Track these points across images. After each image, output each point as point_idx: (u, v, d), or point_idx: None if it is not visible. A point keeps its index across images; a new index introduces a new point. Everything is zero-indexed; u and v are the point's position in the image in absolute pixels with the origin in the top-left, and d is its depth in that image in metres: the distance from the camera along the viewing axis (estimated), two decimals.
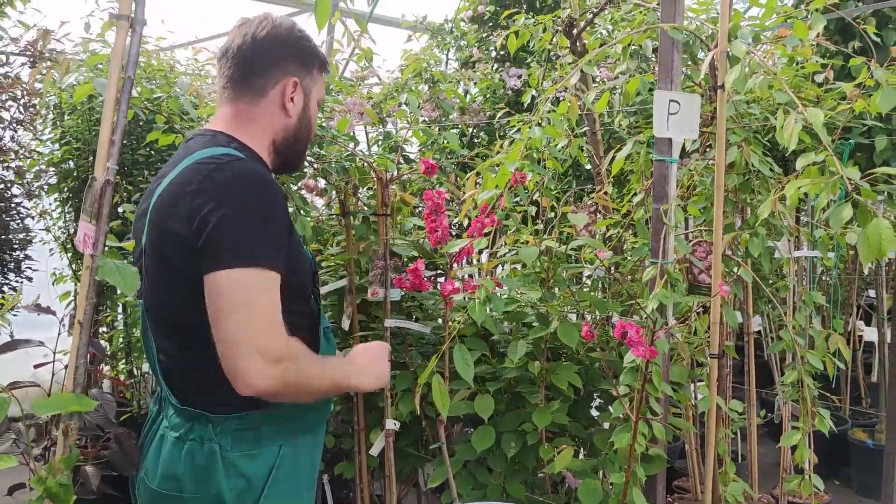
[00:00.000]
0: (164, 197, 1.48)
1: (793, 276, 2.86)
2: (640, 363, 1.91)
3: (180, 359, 1.55)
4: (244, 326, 1.36)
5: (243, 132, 1.61)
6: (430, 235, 2.06)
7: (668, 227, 1.99)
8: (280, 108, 1.63)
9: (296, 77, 1.64)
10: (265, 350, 1.37)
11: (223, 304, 1.37)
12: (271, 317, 1.41)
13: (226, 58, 1.63)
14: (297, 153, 1.72)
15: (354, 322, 2.70)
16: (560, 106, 1.93)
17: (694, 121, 2.02)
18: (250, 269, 1.39)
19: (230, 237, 1.39)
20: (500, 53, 4.64)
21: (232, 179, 1.44)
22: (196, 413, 1.52)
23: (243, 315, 1.36)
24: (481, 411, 2.32)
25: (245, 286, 1.38)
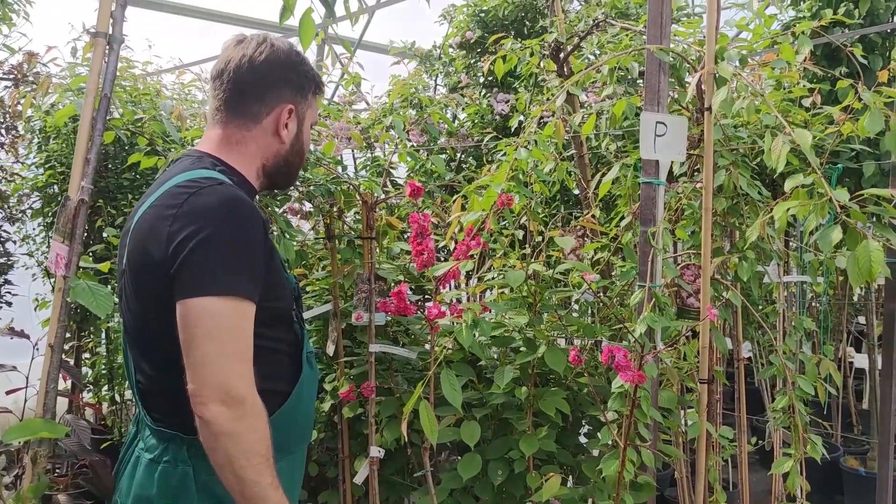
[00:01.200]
0: (143, 220, 1.46)
1: (782, 301, 2.83)
2: (629, 388, 1.87)
3: (156, 379, 1.52)
4: (210, 358, 1.34)
5: (232, 155, 1.59)
6: (415, 259, 2.03)
7: (655, 251, 1.97)
8: (273, 135, 1.61)
9: (291, 104, 1.62)
10: (226, 387, 1.34)
11: (192, 332, 1.35)
12: (239, 352, 1.38)
13: (220, 80, 1.59)
14: (287, 176, 1.71)
15: (339, 347, 2.66)
16: (546, 128, 1.91)
17: (681, 143, 2.00)
18: (222, 298, 1.36)
19: (204, 264, 1.37)
20: (487, 79, 4.65)
21: (211, 205, 1.41)
22: (170, 434, 1.49)
23: (211, 346, 1.34)
24: (467, 438, 2.27)
25: (215, 317, 1.35)
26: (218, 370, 1.34)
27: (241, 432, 1.35)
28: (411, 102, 4.16)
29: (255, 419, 1.37)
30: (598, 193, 2.30)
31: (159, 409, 1.52)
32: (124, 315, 1.54)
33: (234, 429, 1.34)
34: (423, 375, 2.80)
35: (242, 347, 1.38)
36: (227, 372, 1.34)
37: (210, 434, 1.35)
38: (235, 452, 1.35)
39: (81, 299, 1.16)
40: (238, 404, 1.34)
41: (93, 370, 4.02)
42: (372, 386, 2.28)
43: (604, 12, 2.46)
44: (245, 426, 1.35)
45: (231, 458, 1.35)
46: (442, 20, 5.03)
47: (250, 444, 1.36)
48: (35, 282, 4.07)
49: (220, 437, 1.34)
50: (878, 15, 3.77)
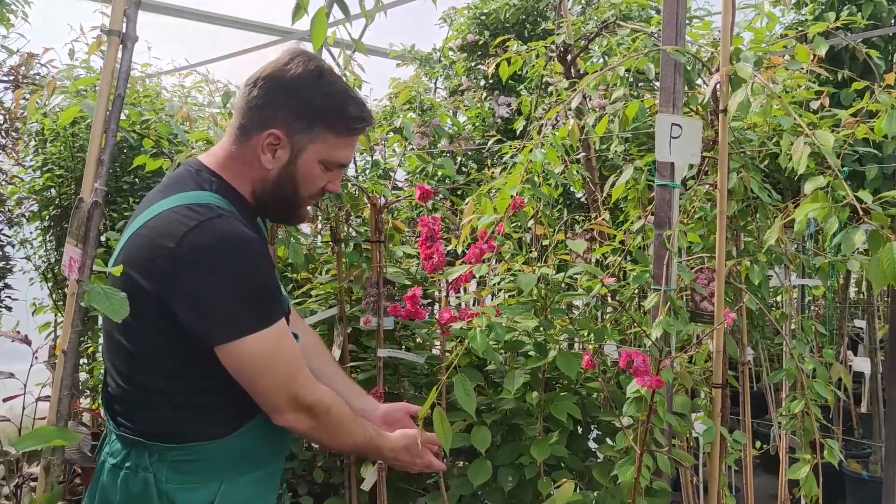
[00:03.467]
0: (135, 241, 1.43)
1: (791, 304, 2.82)
2: (645, 393, 1.85)
3: (124, 382, 1.50)
4: (268, 388, 1.46)
5: (229, 171, 1.55)
6: (425, 262, 2.00)
7: (671, 254, 1.95)
8: (256, 158, 1.53)
9: (279, 130, 1.50)
10: (293, 401, 1.48)
11: (243, 372, 1.44)
12: (291, 367, 1.47)
13: (246, 86, 1.54)
14: (278, 212, 1.63)
15: (345, 352, 2.62)
16: (560, 130, 1.89)
17: (696, 145, 1.98)
18: (256, 334, 1.41)
19: (225, 310, 1.40)
20: (489, 82, 4.63)
21: (213, 247, 1.39)
22: (132, 440, 1.47)
23: (264, 380, 1.45)
24: (478, 444, 2.25)
25: (257, 353, 1.42)
26: (280, 394, 1.47)
27: (323, 426, 1.54)
28: (413, 105, 4.14)
29: (329, 410, 1.54)
30: (612, 196, 2.28)
31: (124, 414, 1.51)
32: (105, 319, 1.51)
33: (317, 426, 1.53)
34: (430, 380, 2.77)
35: (292, 361, 1.48)
36: (288, 391, 1.47)
37: (302, 434, 1.56)
38: (328, 439, 1.59)
39: (97, 303, 1.13)
40: (309, 409, 1.50)
41: (91, 376, 3.97)
42: (380, 392, 2.25)
43: (613, 14, 2.44)
44: (323, 420, 1.53)
45: (328, 443, 1.66)
46: (442, 23, 5.01)
47: (336, 428, 1.56)
48: (33, 286, 4.02)
49: (309, 435, 1.57)
50: (881, 18, 3.77)
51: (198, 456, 1.47)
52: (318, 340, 1.92)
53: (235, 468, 1.52)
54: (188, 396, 1.49)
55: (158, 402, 1.48)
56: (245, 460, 1.54)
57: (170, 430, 1.47)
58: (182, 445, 1.46)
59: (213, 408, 1.51)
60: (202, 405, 1.50)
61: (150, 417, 1.49)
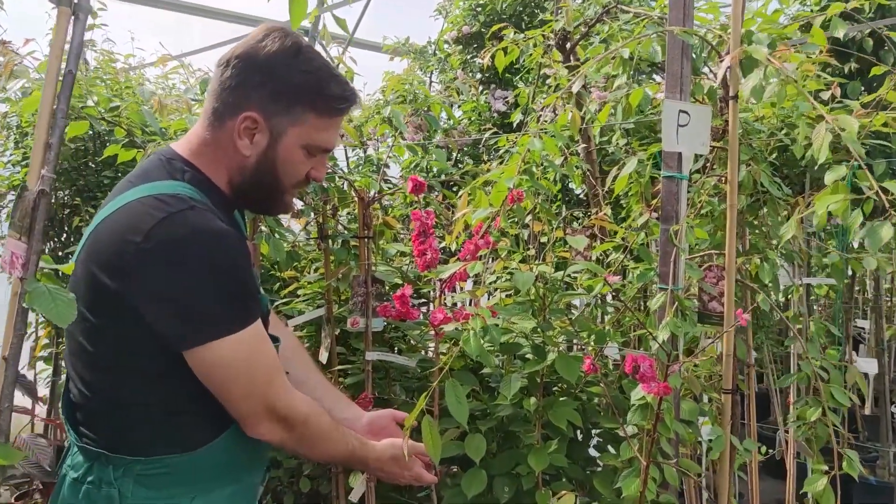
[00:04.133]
0: (100, 234, 1.31)
1: (802, 304, 2.69)
2: (652, 401, 1.72)
3: (87, 389, 1.37)
4: (242, 396, 1.34)
5: (203, 159, 1.41)
6: (417, 259, 1.87)
7: (678, 250, 1.82)
8: (232, 144, 1.39)
9: (256, 112, 1.36)
10: (269, 410, 1.36)
11: (215, 378, 1.32)
12: (268, 374, 1.36)
13: (219, 66, 1.40)
14: (258, 202, 1.49)
15: (333, 355, 2.49)
16: (560, 117, 1.76)
17: (705, 134, 1.85)
18: (230, 337, 1.29)
19: (196, 310, 1.28)
20: (485, 76, 4.50)
21: (184, 242, 1.26)
22: (96, 453, 1.34)
23: (238, 387, 1.33)
24: (473, 453, 2.11)
25: (230, 357, 1.30)
26: (254, 403, 1.35)
27: (300, 437, 1.41)
28: (407, 99, 4.01)
29: (307, 419, 1.42)
30: (614, 189, 2.14)
31: (87, 424, 1.38)
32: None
33: (293, 437, 1.40)
34: (422, 384, 2.64)
35: (269, 366, 1.36)
36: (263, 399, 1.35)
37: (277, 445, 1.43)
38: (306, 450, 1.47)
39: (39, 305, 1.00)
40: (284, 419, 1.38)
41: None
42: (369, 397, 2.12)
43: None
44: (300, 431, 1.41)
45: (308, 455, 1.51)
46: (437, 15, 4.88)
47: (314, 439, 1.44)
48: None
49: (285, 446, 1.43)
50: (889, 8, 3.65)
51: (166, 470, 1.34)
52: (298, 345, 1.78)
53: (208, 483, 1.39)
54: (156, 405, 1.36)
55: (124, 411, 1.35)
56: (218, 474, 1.41)
57: (136, 442, 1.34)
58: (149, 458, 1.33)
59: (183, 417, 1.38)
60: (172, 415, 1.37)
61: (115, 428, 1.36)
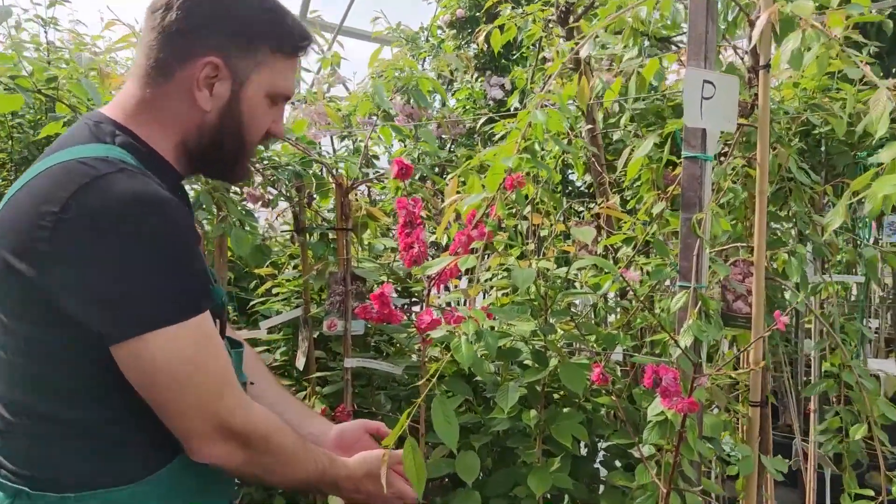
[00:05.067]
0: (11, 213, 1.05)
1: (833, 305, 2.45)
2: (674, 417, 1.47)
3: (2, 410, 1.12)
4: (185, 407, 1.08)
5: (142, 122, 1.15)
6: (403, 254, 1.63)
7: (702, 242, 1.57)
8: (189, 97, 1.15)
9: (215, 56, 1.14)
10: (220, 427, 1.10)
11: (151, 382, 1.05)
12: (217, 380, 1.10)
13: (155, 12, 1.16)
14: (220, 164, 1.24)
15: (311, 360, 2.24)
16: (566, 87, 1.51)
17: (732, 108, 1.61)
18: (174, 328, 1.04)
19: (133, 293, 1.02)
20: (480, 62, 4.26)
21: (116, 207, 1.01)
22: (15, 488, 1.09)
23: (181, 393, 1.07)
24: (465, 473, 1.87)
25: (176, 354, 1.04)
26: (200, 417, 1.09)
27: (259, 460, 1.16)
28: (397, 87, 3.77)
29: (268, 437, 1.16)
30: (622, 177, 1.89)
31: (5, 452, 1.12)
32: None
33: (251, 460, 1.15)
34: (410, 394, 2.39)
35: (219, 371, 1.10)
36: (212, 413, 1.09)
37: (231, 471, 1.16)
38: (267, 475, 1.19)
39: None
40: (240, 437, 1.12)
41: None
42: (348, 409, 1.87)
43: None
44: (260, 452, 1.15)
45: (269, 480, 1.19)
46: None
47: (276, 461, 1.18)
48: None
49: (242, 472, 1.16)
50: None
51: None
52: (255, 355, 1.52)
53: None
54: (90, 425, 1.09)
55: (48, 436, 1.09)
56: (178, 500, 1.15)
57: (66, 474, 1.09)
58: (81, 495, 1.08)
59: (123, 440, 1.11)
60: (109, 437, 1.10)
61: (40, 456, 1.10)
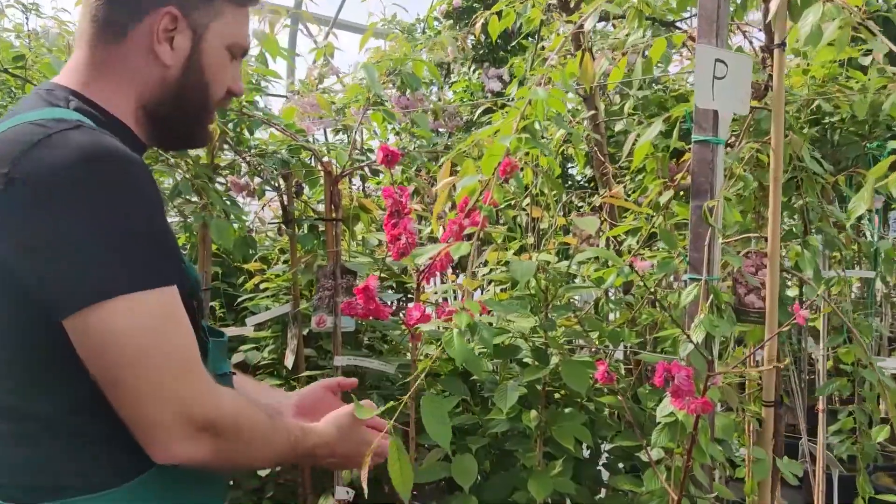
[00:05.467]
0: None
1: (847, 300, 2.35)
2: (685, 418, 1.37)
3: None
4: (146, 392, 0.93)
5: (98, 88, 1.04)
6: (390, 245, 1.53)
7: (714, 231, 1.47)
8: (148, 54, 1.05)
9: (173, 7, 1.04)
10: (185, 418, 0.94)
11: (108, 361, 0.92)
12: (181, 363, 0.95)
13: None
14: (183, 124, 1.13)
15: (300, 359, 2.14)
16: (569, 64, 1.41)
17: (744, 90, 1.51)
18: (131, 296, 0.91)
19: (88, 257, 0.90)
20: (477, 53, 4.16)
21: (65, 162, 0.89)
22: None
23: (142, 371, 0.92)
24: (461, 477, 1.76)
25: (134, 328, 0.91)
26: (163, 406, 0.93)
27: (232, 447, 1.00)
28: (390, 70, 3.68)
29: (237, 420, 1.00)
30: (633, 159, 1.79)
31: None
32: None
33: (223, 448, 0.98)
34: (404, 392, 2.29)
35: (184, 352, 0.96)
36: (179, 401, 0.94)
37: (200, 465, 0.99)
38: (242, 459, 1.05)
39: None
40: (210, 426, 0.96)
41: None
42: None
43: None
44: (231, 437, 0.99)
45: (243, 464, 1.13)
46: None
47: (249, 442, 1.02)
48: None
49: (213, 463, 0.99)
50: None
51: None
52: None
53: None
54: (60, 420, 0.97)
55: (13, 432, 0.98)
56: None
57: (35, 481, 0.97)
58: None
59: (100, 438, 0.99)
60: (84, 435, 0.98)
61: (3, 461, 0.98)
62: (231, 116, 1.77)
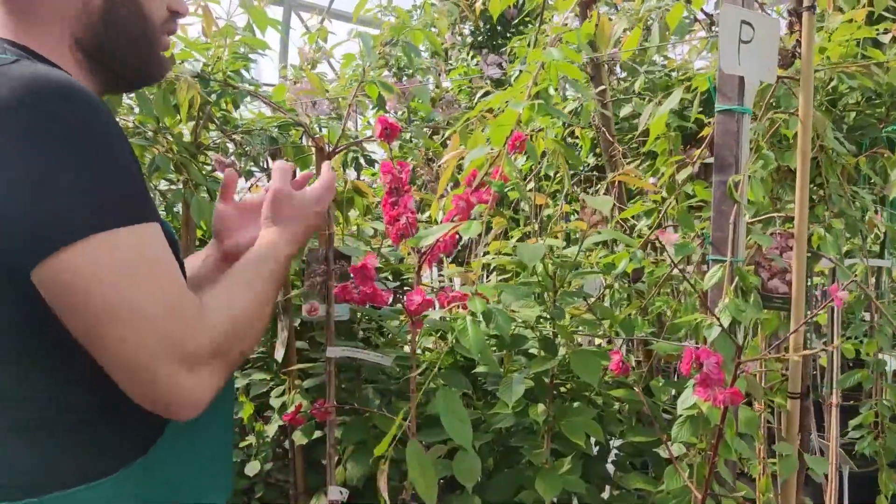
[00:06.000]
0: None
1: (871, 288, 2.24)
2: (710, 411, 1.26)
3: None
4: (140, 337, 0.79)
5: (25, 33, 0.91)
6: (388, 228, 1.41)
7: (739, 208, 1.36)
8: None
9: None
10: (188, 355, 0.81)
11: (89, 306, 0.78)
12: (177, 296, 0.82)
13: None
14: (131, 56, 0.98)
15: (291, 351, 2.02)
16: (584, 25, 1.30)
17: (772, 56, 1.40)
18: (106, 234, 0.78)
19: (53, 197, 0.77)
20: (476, 39, 4.04)
21: (14, 96, 0.77)
22: None
23: (129, 316, 0.78)
24: (464, 476, 1.64)
25: (112, 265, 0.78)
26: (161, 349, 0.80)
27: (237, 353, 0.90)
28: (388, 63, 3.57)
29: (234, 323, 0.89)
30: (649, 133, 1.67)
31: None
32: None
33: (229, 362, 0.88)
34: (402, 387, 2.18)
35: (172, 284, 0.83)
36: (173, 340, 0.81)
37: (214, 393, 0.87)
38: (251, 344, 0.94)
39: None
40: (216, 353, 0.85)
41: None
42: (328, 406, 1.64)
43: None
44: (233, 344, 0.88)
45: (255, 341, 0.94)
46: None
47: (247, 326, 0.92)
48: None
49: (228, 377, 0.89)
50: None
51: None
52: None
53: None
54: (39, 396, 0.85)
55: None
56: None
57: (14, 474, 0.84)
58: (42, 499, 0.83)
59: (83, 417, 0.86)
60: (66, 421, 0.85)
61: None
62: (214, 87, 1.65)
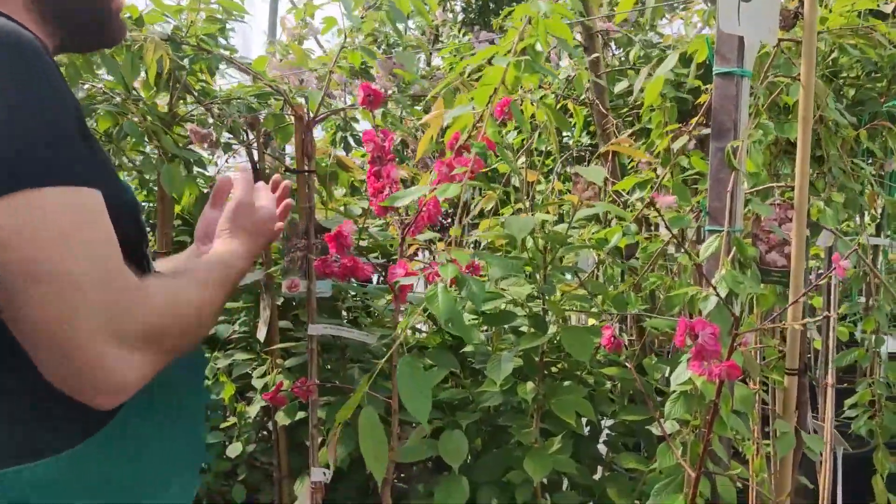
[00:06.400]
0: None
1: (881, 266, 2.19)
2: (705, 386, 1.20)
3: None
4: (63, 302, 0.71)
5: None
6: (373, 200, 1.34)
7: (738, 176, 1.30)
8: None
9: None
10: (117, 331, 0.74)
11: (9, 265, 0.70)
12: (111, 268, 0.75)
13: None
14: (90, 10, 0.92)
15: (273, 330, 1.96)
16: None
17: (773, 16, 1.33)
18: (44, 190, 0.71)
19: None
20: (468, 16, 3.96)
21: None
22: None
23: (51, 277, 0.70)
24: (450, 456, 1.59)
25: (42, 223, 0.70)
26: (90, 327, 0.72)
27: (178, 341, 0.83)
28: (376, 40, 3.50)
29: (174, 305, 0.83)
30: (644, 104, 1.60)
31: None
32: None
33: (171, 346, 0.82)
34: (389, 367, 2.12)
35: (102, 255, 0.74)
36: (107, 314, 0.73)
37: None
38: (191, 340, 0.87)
39: None
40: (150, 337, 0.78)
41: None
42: (310, 384, 1.58)
43: None
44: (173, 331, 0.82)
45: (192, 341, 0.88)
46: None
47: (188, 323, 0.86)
48: None
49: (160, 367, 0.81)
50: None
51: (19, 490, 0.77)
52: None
53: None
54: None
55: None
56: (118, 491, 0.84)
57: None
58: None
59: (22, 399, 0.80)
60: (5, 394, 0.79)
61: None
62: (187, 51, 1.58)
